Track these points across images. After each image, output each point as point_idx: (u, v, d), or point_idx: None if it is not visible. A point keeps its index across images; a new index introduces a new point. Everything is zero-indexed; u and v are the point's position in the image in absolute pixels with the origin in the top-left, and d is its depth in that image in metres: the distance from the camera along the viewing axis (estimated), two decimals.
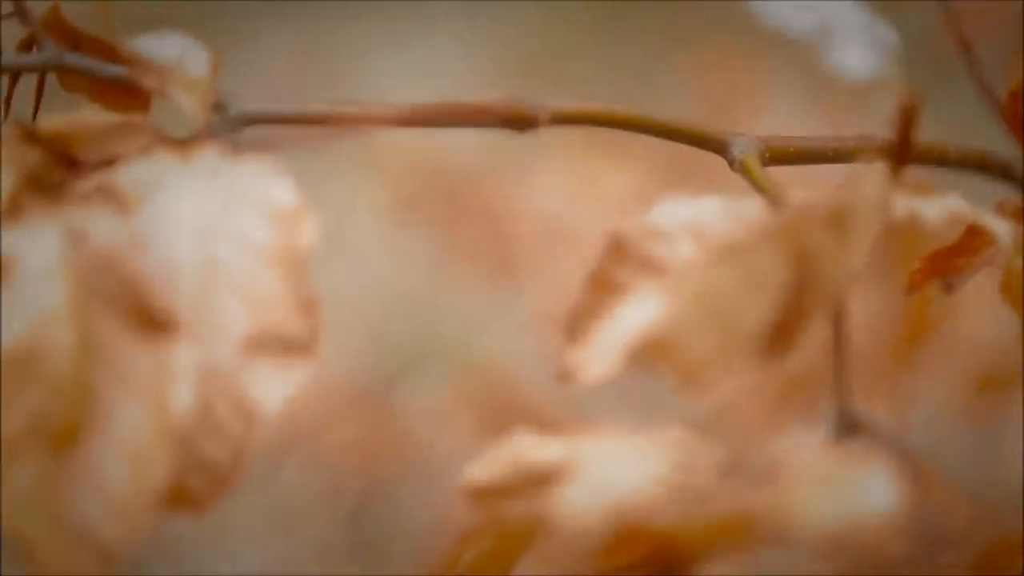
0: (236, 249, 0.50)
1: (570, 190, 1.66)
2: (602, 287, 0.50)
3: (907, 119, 0.49)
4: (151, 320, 0.47)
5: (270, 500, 1.41)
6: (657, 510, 0.43)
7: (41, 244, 0.47)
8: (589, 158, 1.66)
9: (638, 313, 0.47)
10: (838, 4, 0.48)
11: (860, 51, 0.47)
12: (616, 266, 0.50)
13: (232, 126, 0.54)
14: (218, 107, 0.53)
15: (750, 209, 0.52)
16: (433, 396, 1.51)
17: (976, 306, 1.20)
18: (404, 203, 1.67)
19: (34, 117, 0.54)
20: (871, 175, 0.47)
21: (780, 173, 0.58)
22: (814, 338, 0.49)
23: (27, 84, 0.57)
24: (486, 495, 0.48)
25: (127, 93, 0.56)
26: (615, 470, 0.45)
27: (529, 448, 0.48)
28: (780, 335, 0.47)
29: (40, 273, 0.46)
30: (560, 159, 1.68)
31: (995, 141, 0.65)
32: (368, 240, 1.65)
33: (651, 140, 0.60)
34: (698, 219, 0.51)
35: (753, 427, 1.28)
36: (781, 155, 0.57)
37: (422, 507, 1.46)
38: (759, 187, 0.55)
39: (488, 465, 0.48)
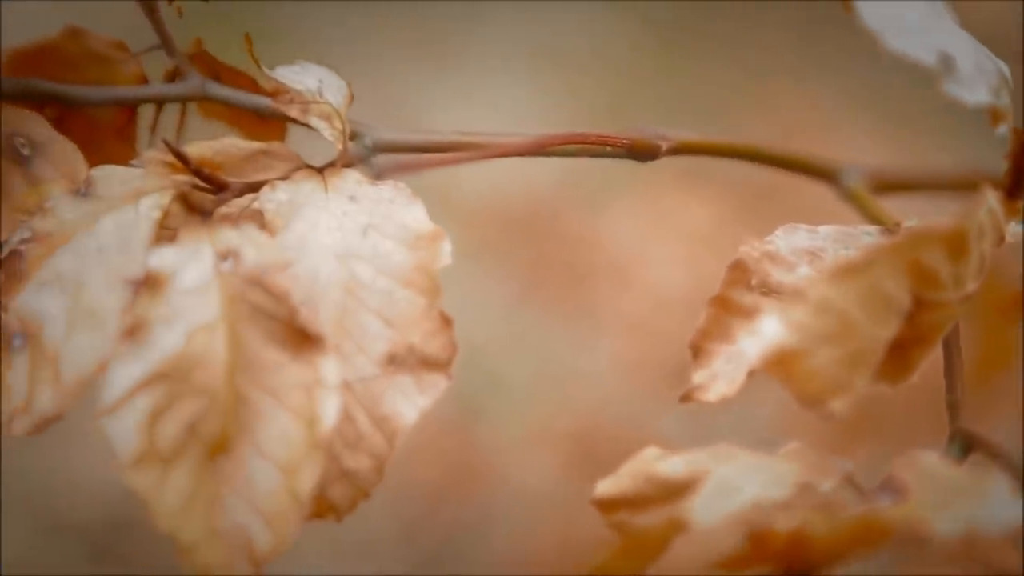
0: (375, 270, 0.52)
1: (646, 225, 1.67)
2: (725, 310, 0.52)
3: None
4: (299, 335, 0.49)
5: (351, 532, 1.43)
6: (786, 517, 0.45)
7: (194, 262, 0.49)
8: (664, 193, 1.68)
9: (761, 334, 0.49)
10: (955, 34, 0.50)
11: (977, 81, 0.49)
12: (738, 290, 0.52)
13: (366, 154, 0.56)
14: (353, 135, 0.56)
15: (863, 236, 0.54)
16: (513, 432, 1.53)
17: None
18: (481, 241, 1.69)
19: (176, 143, 0.56)
20: (987, 202, 0.49)
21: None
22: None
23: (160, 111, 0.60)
24: (618, 506, 0.50)
25: (264, 121, 0.58)
26: (743, 481, 0.47)
27: (657, 462, 0.50)
28: (901, 355, 0.49)
29: (194, 289, 0.49)
30: (635, 195, 1.69)
31: None
32: (447, 278, 1.67)
33: (726, 174, 0.61)
34: (814, 245, 0.53)
35: (868, 441, 1.28)
36: (890, 184, 0.59)
37: (501, 539, 1.48)
38: (870, 215, 0.57)
39: (619, 479, 0.50)
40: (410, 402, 0.51)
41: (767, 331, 0.47)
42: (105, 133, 0.58)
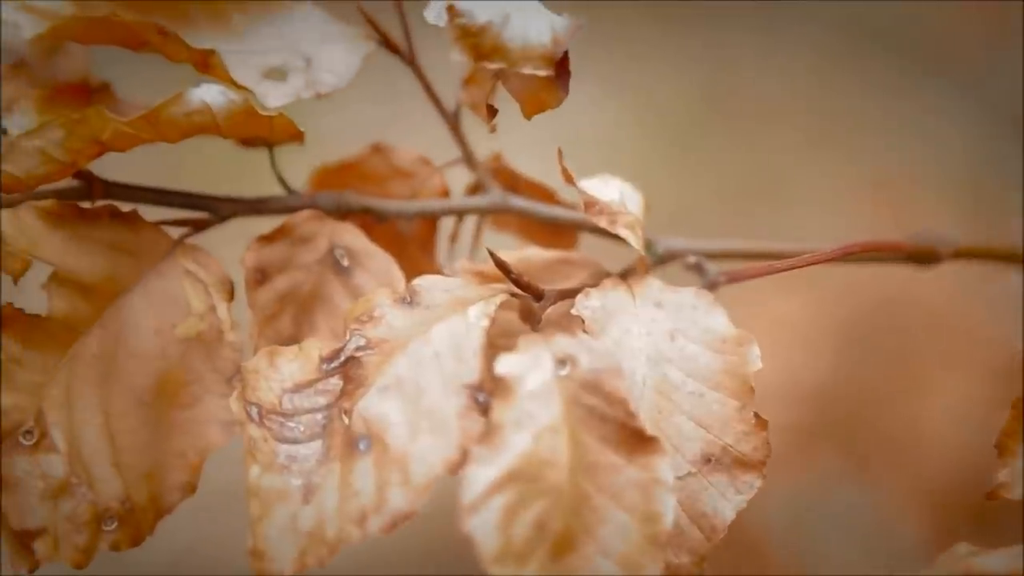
0: (684, 373, 0.54)
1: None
2: None
3: None
4: (634, 437, 0.51)
5: None
6: None
7: (536, 368, 0.51)
8: (755, 284, 1.69)
9: None
10: None
11: None
12: None
13: (662, 260, 0.59)
14: (647, 244, 0.58)
15: None
16: None
17: None
18: None
19: (473, 253, 0.59)
20: None
21: None
22: None
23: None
24: None
25: (557, 231, 0.61)
26: None
27: (971, 557, 0.52)
28: None
29: (537, 394, 0.51)
30: (727, 286, 1.71)
31: None
32: None
33: (821, 267, 0.62)
34: None
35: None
36: None
37: None
38: None
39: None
40: (726, 500, 0.54)
41: None
42: (408, 243, 0.60)
